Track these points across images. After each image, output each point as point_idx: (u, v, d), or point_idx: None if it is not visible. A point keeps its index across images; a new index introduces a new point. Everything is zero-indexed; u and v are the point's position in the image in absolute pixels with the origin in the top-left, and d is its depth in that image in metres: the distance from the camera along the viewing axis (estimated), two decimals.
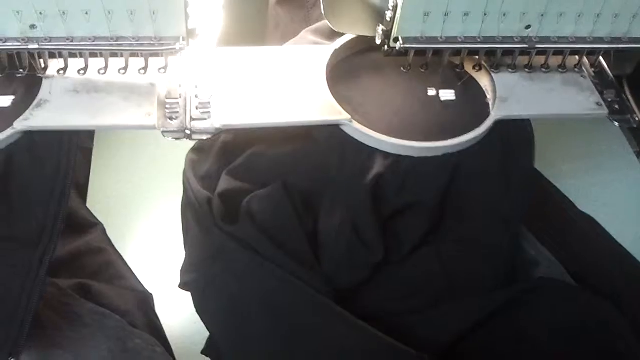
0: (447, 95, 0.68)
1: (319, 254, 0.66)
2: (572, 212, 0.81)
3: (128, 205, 0.95)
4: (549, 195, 0.82)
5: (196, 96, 0.63)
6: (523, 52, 0.66)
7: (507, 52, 0.67)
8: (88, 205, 0.88)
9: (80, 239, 0.81)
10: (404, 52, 0.65)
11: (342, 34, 0.70)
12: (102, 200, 0.91)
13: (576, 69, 0.70)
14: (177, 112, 0.62)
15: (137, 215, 0.96)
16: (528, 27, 0.63)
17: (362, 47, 0.71)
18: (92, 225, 0.84)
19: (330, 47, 0.69)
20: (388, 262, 0.65)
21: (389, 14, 0.62)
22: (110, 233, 0.84)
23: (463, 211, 0.66)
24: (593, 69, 0.70)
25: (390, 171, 0.61)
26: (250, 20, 0.96)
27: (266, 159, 0.68)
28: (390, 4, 0.61)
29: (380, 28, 0.63)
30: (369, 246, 0.64)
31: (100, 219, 0.85)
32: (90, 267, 0.79)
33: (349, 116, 0.63)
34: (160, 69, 0.64)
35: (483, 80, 0.70)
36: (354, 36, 0.70)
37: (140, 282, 0.81)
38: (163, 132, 0.60)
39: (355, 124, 0.63)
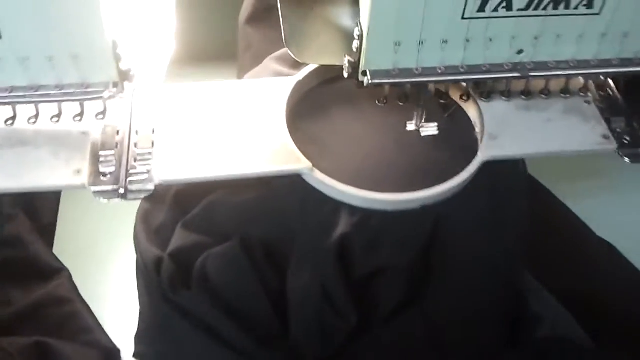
0: (429, 129, 0.59)
1: (287, 316, 0.58)
2: (586, 237, 0.73)
3: (98, 247, 0.88)
4: (560, 217, 0.73)
5: (135, 145, 0.55)
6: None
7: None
8: (55, 246, 0.82)
9: (42, 288, 0.75)
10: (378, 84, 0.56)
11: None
12: (70, 241, 0.84)
13: (581, 93, 0.60)
14: (112, 166, 0.54)
15: (107, 258, 0.88)
16: (520, 52, 0.54)
17: (330, 75, 0.62)
18: (56, 271, 0.78)
19: (293, 79, 0.60)
20: (365, 327, 0.57)
21: (355, 44, 0.53)
22: (78, 278, 0.77)
23: (449, 266, 0.57)
24: (600, 93, 0.61)
25: (357, 230, 0.53)
26: (216, 41, 0.87)
27: (226, 208, 0.60)
28: (356, 33, 0.52)
29: (347, 59, 0.54)
30: (339, 311, 0.56)
31: (67, 262, 0.78)
32: (53, 319, 0.73)
33: (309, 164, 0.54)
34: (98, 114, 0.56)
35: (471, 110, 0.60)
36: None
37: (107, 336, 0.74)
38: (94, 192, 0.52)
39: (317, 173, 0.54)
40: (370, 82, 0.53)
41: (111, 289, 0.84)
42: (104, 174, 0.53)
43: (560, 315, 0.63)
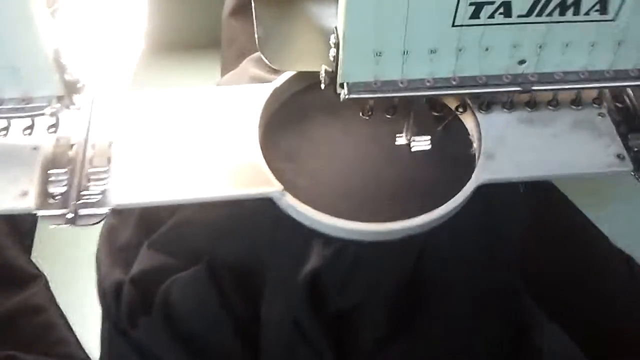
0: (420, 144, 0.53)
1: (258, 349, 0.53)
2: (603, 248, 0.66)
3: (79, 253, 0.83)
4: (571, 223, 0.66)
5: (90, 162, 0.50)
6: None
7: None
8: (34, 251, 0.78)
9: (17, 296, 0.71)
10: None
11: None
12: (49, 244, 0.79)
13: (595, 104, 0.53)
14: (63, 186, 0.48)
15: (88, 265, 0.83)
16: (522, 62, 0.47)
17: (312, 81, 0.55)
18: (32, 277, 0.73)
19: (270, 86, 0.54)
20: None
21: (331, 52, 0.46)
22: (56, 286, 0.73)
23: (436, 300, 0.51)
24: (616, 103, 0.53)
25: (330, 264, 0.47)
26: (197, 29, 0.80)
27: (196, 226, 0.55)
28: (332, 40, 0.46)
29: (324, 68, 0.48)
30: (314, 347, 0.50)
31: (46, 267, 0.74)
32: (27, 330, 0.69)
33: (280, 187, 0.48)
34: (49, 127, 0.51)
35: (469, 122, 0.54)
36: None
37: (82, 349, 0.70)
38: (40, 217, 0.47)
39: (289, 198, 0.48)
40: (347, 96, 0.46)
41: (90, 298, 0.80)
42: (53, 196, 0.48)
43: (566, 348, 0.57)
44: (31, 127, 0.50)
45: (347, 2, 0.42)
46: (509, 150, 0.50)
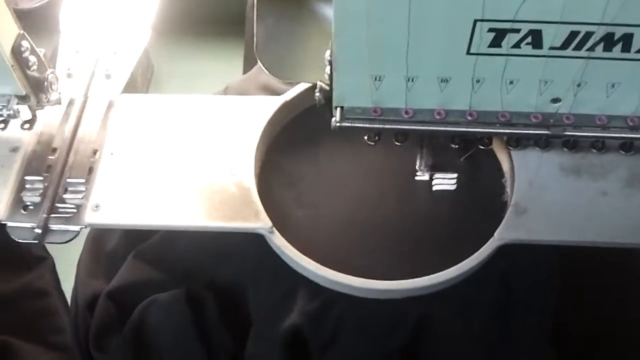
0: (444, 183, 0.45)
1: None
2: None
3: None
4: None
5: (70, 172, 0.45)
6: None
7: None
8: None
9: (20, 278, 0.69)
10: None
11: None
12: None
13: None
14: (38, 196, 0.44)
15: None
16: (556, 100, 0.38)
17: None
18: (39, 260, 0.70)
19: (278, 100, 0.48)
20: None
21: (327, 70, 0.40)
22: (64, 266, 0.70)
23: None
24: None
25: (312, 322, 0.41)
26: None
27: (189, 240, 0.50)
28: (327, 56, 0.39)
29: (319, 85, 0.41)
30: None
31: (54, 250, 0.71)
32: (27, 314, 0.67)
33: (268, 223, 0.42)
34: (24, 123, 0.46)
35: (503, 158, 0.45)
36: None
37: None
38: (8, 229, 0.43)
39: (276, 237, 0.42)
40: (337, 124, 0.39)
41: None
42: (26, 207, 0.44)
43: None
44: (4, 122, 0.46)
45: (336, 21, 0.35)
46: (545, 204, 0.41)
